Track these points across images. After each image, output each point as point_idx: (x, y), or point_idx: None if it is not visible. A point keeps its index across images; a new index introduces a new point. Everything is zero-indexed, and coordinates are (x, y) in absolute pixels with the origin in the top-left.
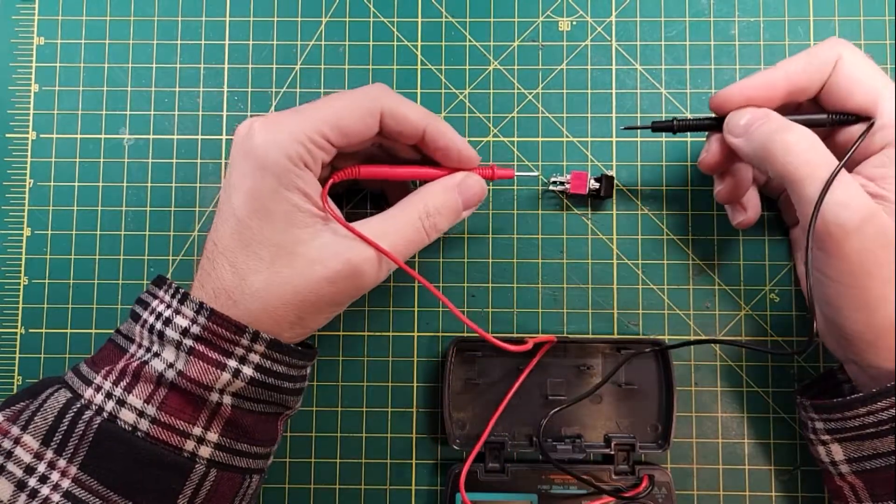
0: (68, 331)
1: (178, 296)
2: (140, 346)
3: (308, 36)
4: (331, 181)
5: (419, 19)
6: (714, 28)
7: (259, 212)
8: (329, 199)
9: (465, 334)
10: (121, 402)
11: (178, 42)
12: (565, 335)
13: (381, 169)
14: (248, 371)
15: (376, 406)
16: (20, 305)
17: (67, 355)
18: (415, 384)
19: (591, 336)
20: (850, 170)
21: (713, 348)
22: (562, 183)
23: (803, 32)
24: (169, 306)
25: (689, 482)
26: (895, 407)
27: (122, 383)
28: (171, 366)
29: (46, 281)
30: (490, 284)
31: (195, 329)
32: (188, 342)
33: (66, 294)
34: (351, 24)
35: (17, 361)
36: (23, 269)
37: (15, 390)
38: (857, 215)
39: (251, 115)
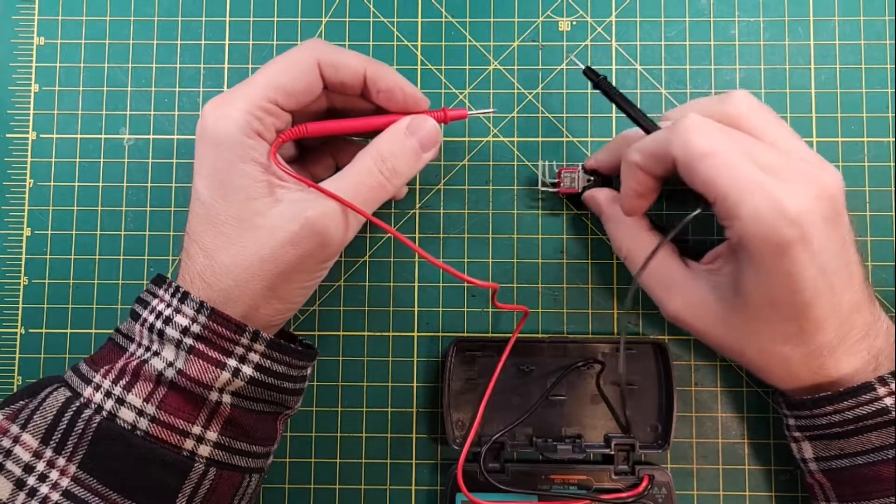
0: (68, 331)
1: (179, 294)
2: (140, 344)
3: (308, 36)
4: (278, 140)
5: (419, 19)
6: (714, 28)
7: (219, 190)
8: (280, 159)
9: (466, 334)
10: (120, 401)
11: (179, 42)
12: (566, 335)
13: (329, 124)
14: (247, 370)
15: (376, 406)
16: (20, 305)
17: (67, 355)
18: (415, 384)
19: (591, 336)
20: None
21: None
22: (552, 184)
23: (803, 33)
24: (169, 305)
25: (689, 482)
26: (861, 406)
27: (121, 382)
28: (170, 364)
29: (46, 281)
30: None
31: (195, 328)
32: (188, 341)
33: (67, 294)
34: (351, 24)
35: (17, 361)
36: (23, 269)
37: (15, 390)
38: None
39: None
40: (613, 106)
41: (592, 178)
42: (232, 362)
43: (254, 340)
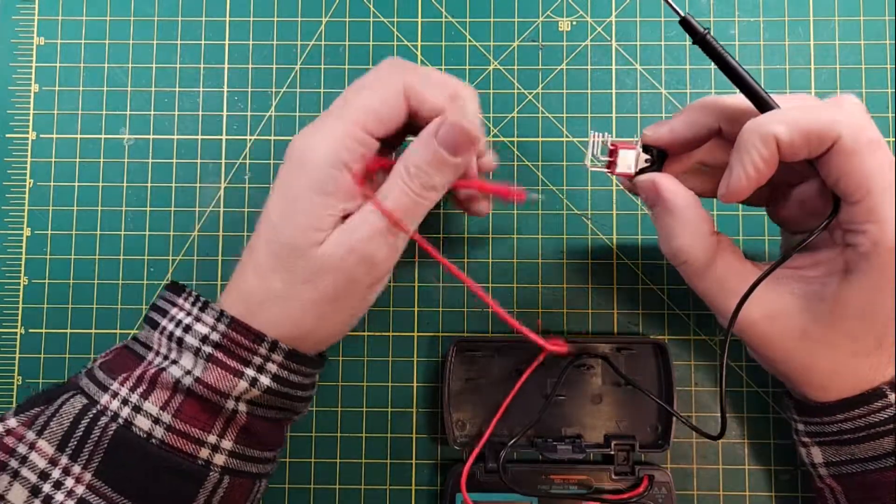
0: (68, 331)
1: (199, 304)
2: (158, 353)
3: (308, 36)
4: (365, 169)
5: (419, 19)
6: (714, 28)
7: (290, 216)
8: (368, 189)
9: (466, 334)
10: (136, 409)
11: (179, 42)
12: (566, 335)
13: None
14: (265, 380)
15: (376, 406)
16: (20, 306)
17: (67, 355)
18: (415, 384)
19: (591, 336)
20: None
21: (713, 348)
22: (605, 163)
23: (803, 32)
24: (189, 314)
25: (689, 482)
26: (873, 414)
27: (138, 390)
28: (188, 372)
29: (46, 281)
30: (490, 284)
31: (214, 336)
32: (207, 349)
33: (67, 294)
34: (351, 24)
35: (17, 361)
36: (23, 269)
37: (15, 390)
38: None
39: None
40: (614, 105)
41: (650, 158)
42: (250, 371)
43: (272, 350)
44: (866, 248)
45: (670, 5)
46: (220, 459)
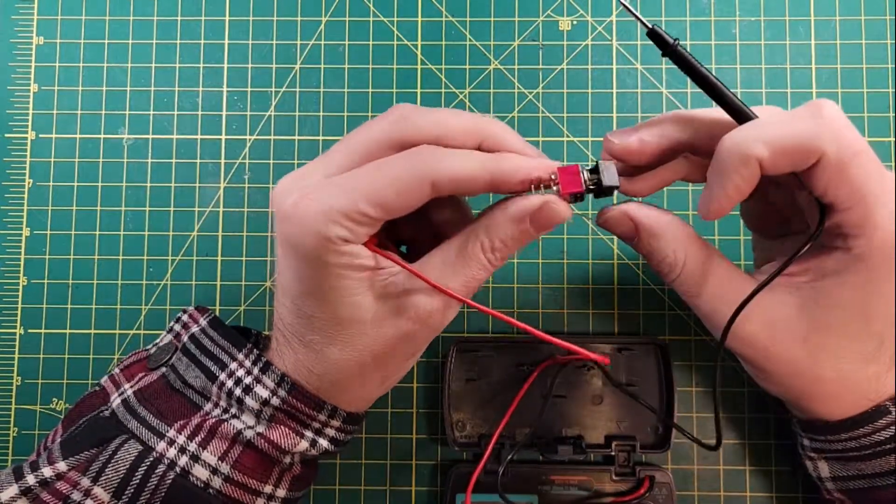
0: (67, 331)
1: (260, 364)
2: (217, 405)
3: (308, 36)
4: (373, 239)
5: (419, 19)
6: (715, 28)
7: (310, 293)
8: (382, 248)
9: (466, 334)
10: (195, 458)
11: (178, 42)
12: (566, 335)
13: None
14: (323, 443)
15: (376, 407)
16: (19, 306)
17: (67, 356)
18: (415, 384)
19: (591, 336)
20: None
21: (714, 348)
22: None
23: (804, 32)
24: (249, 373)
25: (689, 483)
26: (878, 433)
27: (196, 438)
28: (250, 427)
29: (46, 281)
30: (491, 285)
31: (275, 401)
32: (268, 411)
33: (66, 294)
34: (351, 23)
35: (16, 362)
36: (22, 269)
37: (14, 390)
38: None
39: (289, 175)
40: (614, 105)
41: (596, 175)
42: (309, 434)
43: (331, 417)
44: (861, 251)
45: (637, 17)
46: None
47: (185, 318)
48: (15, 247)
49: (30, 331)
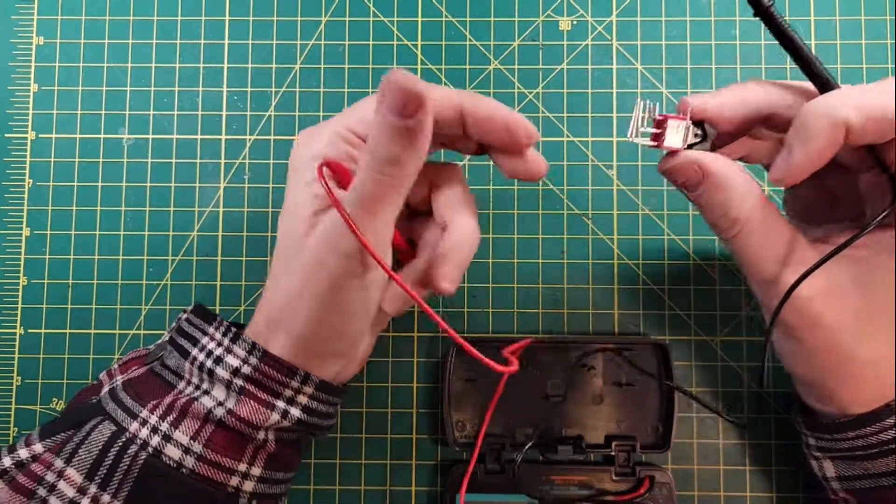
0: (67, 331)
1: (230, 334)
2: (189, 382)
3: (308, 36)
4: (322, 161)
5: (419, 19)
6: (715, 28)
7: (286, 214)
8: (325, 179)
9: (466, 334)
10: (167, 438)
11: (178, 42)
12: (566, 335)
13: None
14: (295, 412)
15: (376, 407)
16: (19, 306)
17: (67, 356)
18: (415, 384)
19: (591, 336)
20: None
21: (714, 348)
22: (651, 135)
23: (804, 32)
24: (220, 344)
25: (690, 483)
26: (885, 431)
27: (168, 418)
28: (220, 404)
29: (46, 281)
30: (490, 284)
31: (246, 369)
32: (238, 382)
33: (66, 294)
34: (351, 23)
35: (16, 362)
36: (22, 269)
37: (14, 390)
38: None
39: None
40: (614, 105)
41: (699, 133)
42: (280, 404)
43: (303, 383)
44: None
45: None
46: (248, 486)
47: (183, 317)
48: (15, 247)
49: (30, 331)
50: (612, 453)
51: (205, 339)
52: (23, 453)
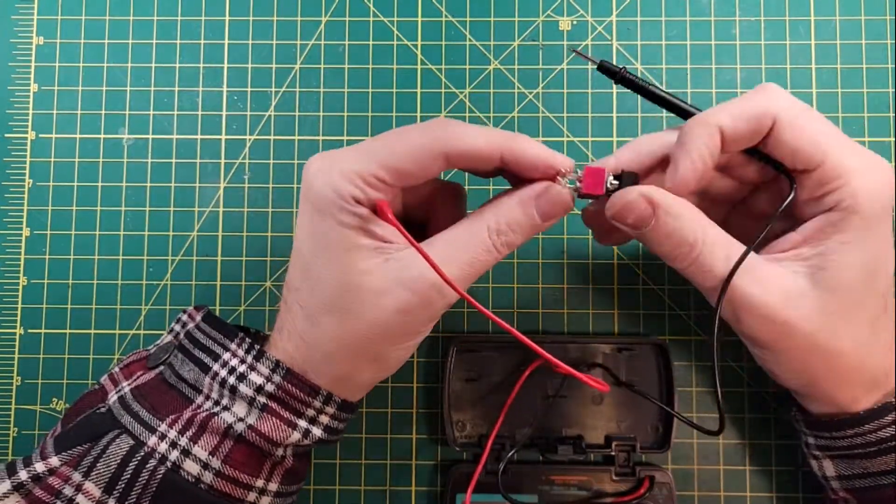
0: (67, 331)
1: (254, 351)
2: (208, 397)
3: (308, 36)
4: (384, 201)
5: (419, 19)
6: (715, 28)
7: (320, 250)
8: (393, 217)
9: (466, 334)
10: (185, 453)
11: (178, 42)
12: (566, 335)
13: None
14: (317, 431)
15: (376, 407)
16: (19, 306)
17: (67, 356)
18: (415, 384)
19: (591, 336)
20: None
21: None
22: (572, 181)
23: (804, 32)
24: (243, 361)
25: (690, 483)
26: (883, 429)
27: (188, 433)
28: (241, 420)
29: (45, 281)
30: (491, 284)
31: (269, 387)
32: (261, 399)
33: (66, 294)
34: (351, 23)
35: (16, 362)
36: (22, 269)
37: (14, 390)
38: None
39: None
40: (614, 105)
41: (618, 177)
42: (302, 423)
43: (326, 403)
44: (848, 202)
45: (582, 56)
46: (265, 501)
47: (184, 317)
48: (15, 247)
49: (30, 331)
50: (612, 453)
51: (226, 355)
52: (39, 466)
